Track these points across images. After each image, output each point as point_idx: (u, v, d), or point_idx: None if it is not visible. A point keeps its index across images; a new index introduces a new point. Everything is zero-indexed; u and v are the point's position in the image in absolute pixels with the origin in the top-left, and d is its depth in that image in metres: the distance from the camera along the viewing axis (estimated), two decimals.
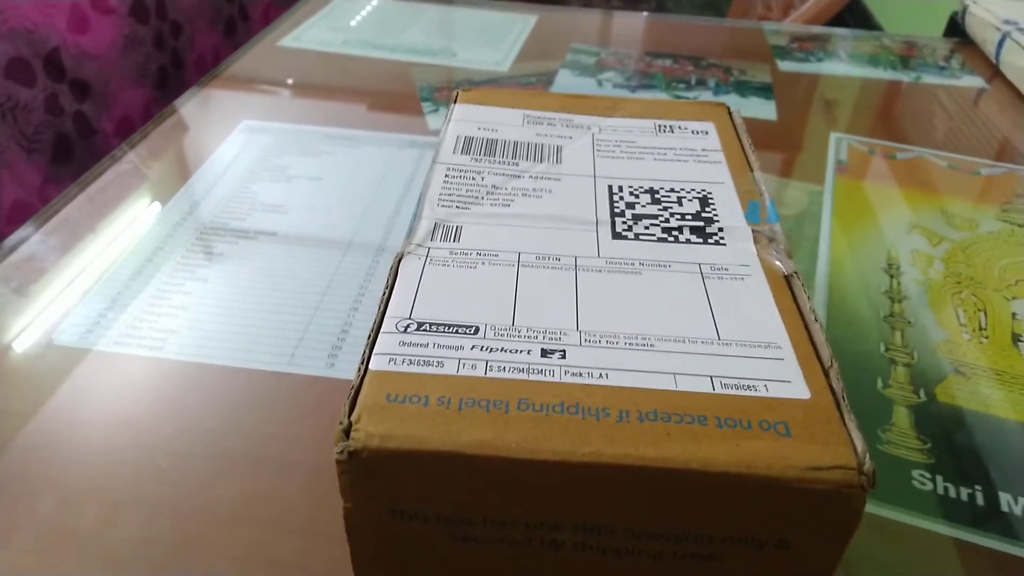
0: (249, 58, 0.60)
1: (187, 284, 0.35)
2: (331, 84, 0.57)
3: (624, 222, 0.25)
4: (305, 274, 0.36)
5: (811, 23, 0.97)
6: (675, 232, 0.25)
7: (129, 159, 0.46)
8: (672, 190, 0.27)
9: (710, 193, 0.27)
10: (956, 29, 0.70)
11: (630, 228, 0.25)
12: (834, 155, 0.48)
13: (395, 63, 0.60)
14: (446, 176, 0.27)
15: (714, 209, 0.26)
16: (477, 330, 0.20)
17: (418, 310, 0.21)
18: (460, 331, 0.20)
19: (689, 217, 0.25)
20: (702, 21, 0.74)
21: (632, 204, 0.26)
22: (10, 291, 0.35)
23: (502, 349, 0.19)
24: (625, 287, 0.22)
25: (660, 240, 0.24)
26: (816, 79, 0.60)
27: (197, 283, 0.35)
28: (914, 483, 0.26)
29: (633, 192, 0.27)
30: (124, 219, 0.40)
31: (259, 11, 0.90)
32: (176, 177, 0.44)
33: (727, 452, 0.17)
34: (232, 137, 0.48)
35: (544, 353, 0.19)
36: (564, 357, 0.19)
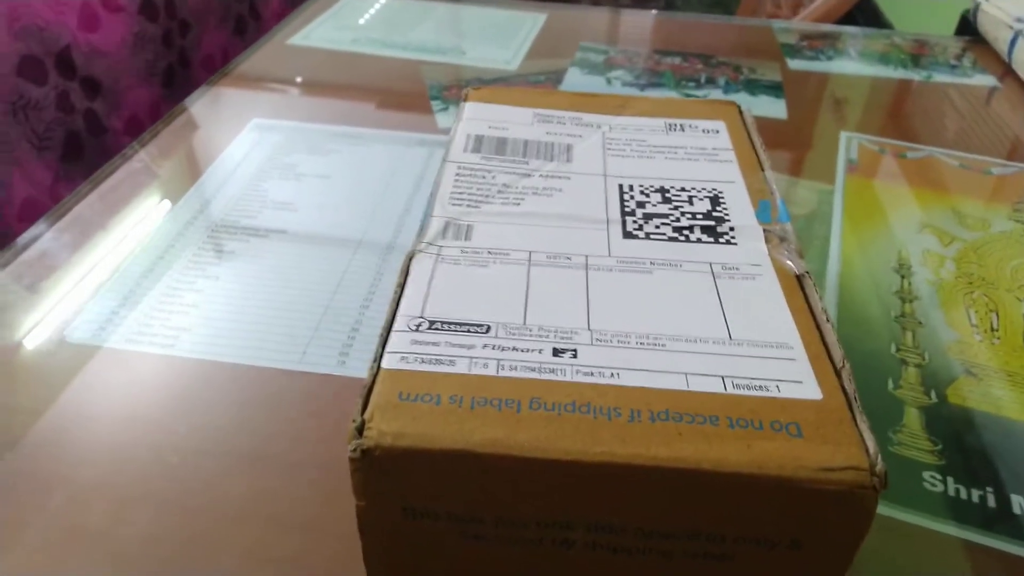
0: (259, 56, 0.60)
1: (199, 282, 0.35)
2: (340, 82, 0.57)
3: (635, 221, 0.25)
4: (316, 272, 0.36)
5: (821, 21, 0.96)
6: (686, 231, 0.24)
7: (140, 157, 0.46)
8: (683, 189, 0.27)
9: (721, 192, 0.27)
10: (967, 27, 0.69)
11: (641, 227, 0.25)
12: (844, 154, 0.48)
13: (404, 61, 0.60)
14: (457, 175, 0.27)
15: (725, 208, 0.26)
16: (489, 329, 0.20)
17: (430, 308, 0.21)
18: (472, 330, 0.20)
19: (700, 216, 0.25)
20: (711, 19, 0.74)
21: (643, 203, 0.26)
22: (23, 288, 0.35)
23: (514, 348, 0.19)
24: (636, 286, 0.22)
25: (671, 239, 0.24)
26: (826, 78, 0.60)
27: (208, 281, 0.35)
28: (925, 484, 0.26)
29: (644, 191, 0.27)
30: (135, 217, 0.40)
31: (271, 10, 0.90)
32: (187, 175, 0.44)
33: (739, 452, 0.17)
34: (242, 135, 0.48)
35: (556, 352, 0.19)
36: (575, 356, 0.19)
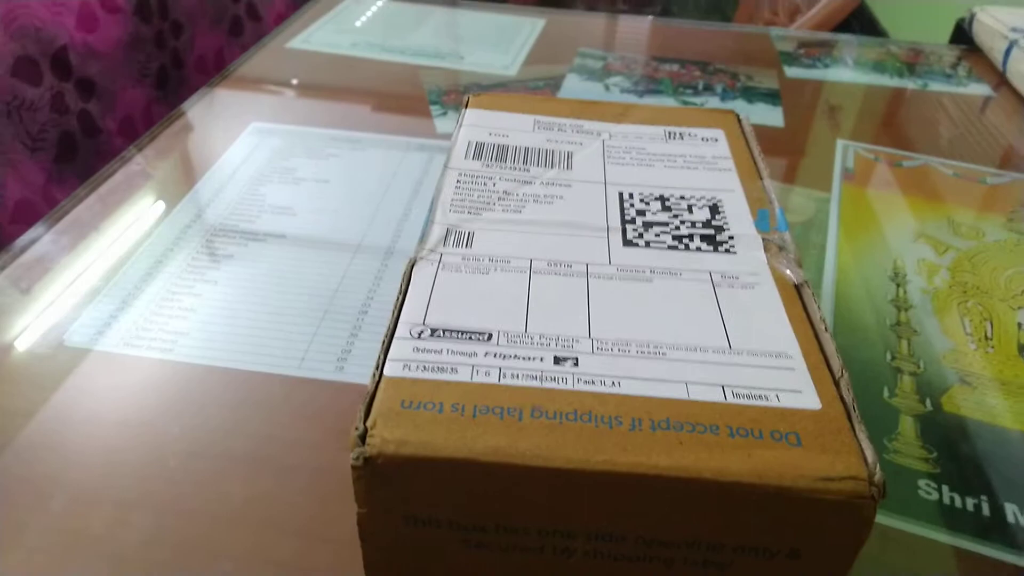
0: (258, 59, 0.60)
1: (197, 286, 0.35)
2: (339, 86, 0.57)
3: (635, 229, 0.25)
4: (314, 277, 0.36)
5: (818, 29, 0.97)
6: (685, 240, 0.25)
7: (138, 160, 0.46)
8: (682, 197, 0.27)
9: (720, 201, 0.27)
10: (962, 36, 0.70)
11: (641, 235, 0.25)
12: (841, 162, 0.48)
13: (403, 66, 0.60)
14: (458, 181, 0.27)
15: (724, 217, 0.26)
16: (490, 337, 0.20)
17: (431, 316, 0.21)
18: (473, 337, 0.20)
19: (699, 225, 0.25)
20: (709, 26, 0.74)
21: (642, 211, 0.26)
22: (20, 292, 0.35)
23: (515, 356, 0.20)
24: (636, 295, 0.22)
25: (671, 248, 0.24)
26: (823, 85, 0.60)
27: (207, 285, 0.35)
28: (920, 493, 0.27)
29: (643, 199, 0.27)
30: (134, 221, 0.40)
31: (273, 12, 0.90)
32: (185, 178, 0.44)
33: (739, 461, 0.17)
34: (241, 139, 0.48)
35: (557, 360, 0.20)
36: (577, 365, 0.19)
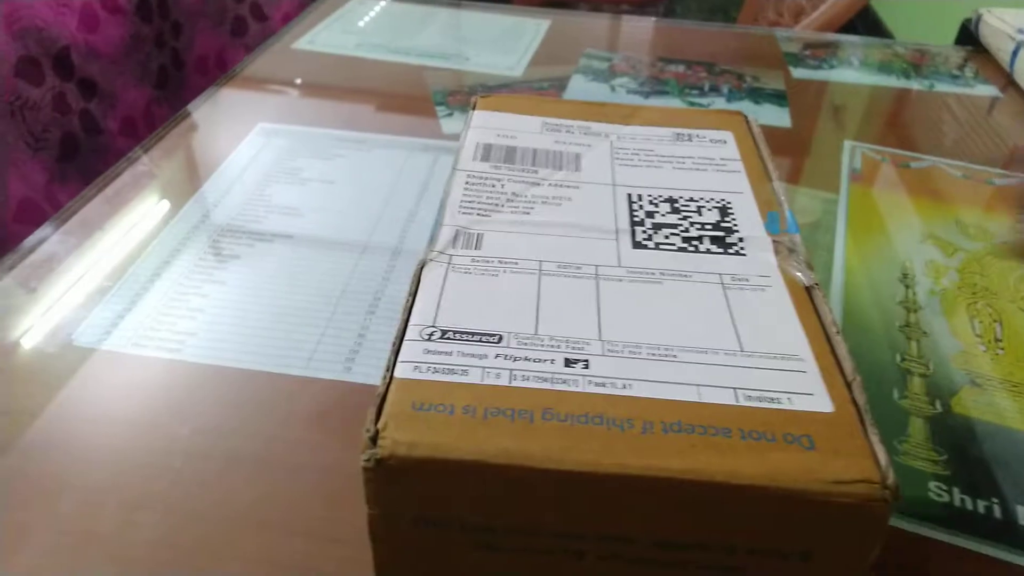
0: (263, 60, 0.60)
1: (204, 286, 0.35)
2: (345, 87, 0.57)
3: (644, 231, 0.25)
4: (321, 277, 0.36)
5: (822, 30, 0.97)
6: (695, 242, 0.25)
7: (145, 161, 0.46)
8: (691, 199, 0.27)
9: (729, 203, 0.27)
10: (968, 37, 0.70)
11: (650, 237, 0.25)
12: (848, 163, 0.48)
13: (408, 67, 0.60)
14: (466, 183, 0.27)
15: (734, 219, 0.26)
16: (501, 339, 0.20)
17: (441, 318, 0.21)
18: (484, 339, 0.20)
19: (709, 227, 0.25)
20: (714, 27, 0.74)
21: (652, 213, 0.26)
22: (29, 292, 0.35)
23: (526, 358, 0.20)
24: (646, 297, 0.22)
25: (680, 250, 0.24)
26: (830, 86, 0.60)
27: (214, 285, 0.35)
28: (931, 495, 0.26)
29: (652, 201, 0.27)
30: (141, 221, 0.40)
31: (280, 13, 0.90)
32: (192, 179, 0.44)
33: (752, 464, 0.17)
34: (248, 139, 0.48)
35: (567, 363, 0.19)
36: (587, 367, 0.19)
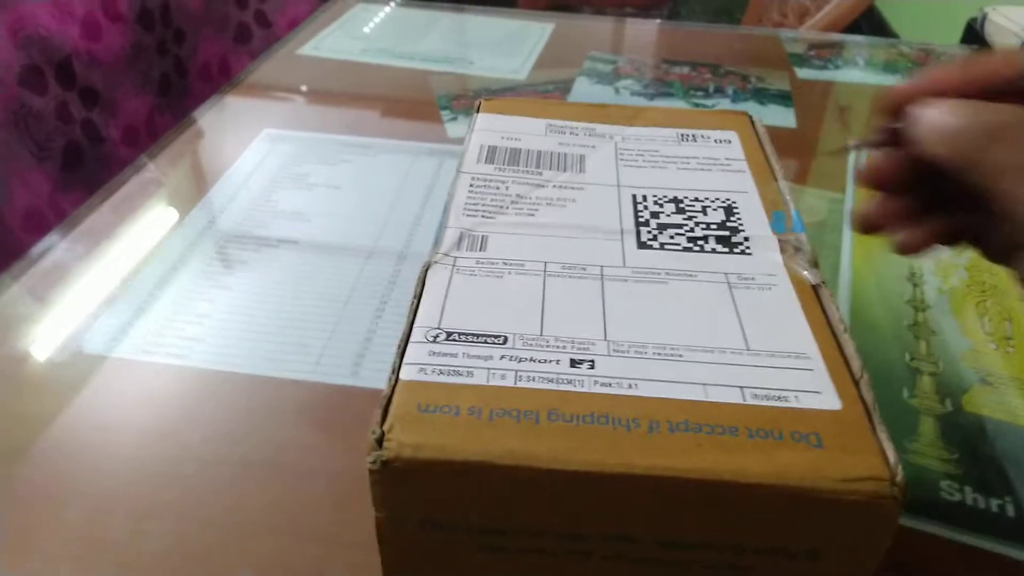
0: (269, 67, 0.61)
1: (211, 292, 0.35)
2: (350, 92, 0.57)
3: (649, 231, 0.25)
4: (327, 282, 0.36)
5: (827, 30, 0.96)
6: (700, 241, 0.25)
7: (151, 168, 0.46)
8: (696, 199, 0.27)
9: (735, 202, 0.27)
10: (974, 36, 0.70)
11: (655, 238, 0.25)
12: (854, 163, 0.48)
13: (413, 71, 0.61)
14: (471, 185, 0.27)
15: (739, 218, 0.26)
16: (506, 340, 0.20)
17: (447, 320, 0.21)
18: (489, 341, 0.20)
19: (714, 226, 0.25)
20: (718, 28, 0.74)
21: (657, 213, 0.26)
22: (37, 300, 0.36)
23: (531, 359, 0.19)
24: (652, 297, 0.22)
25: (685, 250, 0.24)
26: (835, 87, 0.60)
27: (221, 291, 0.35)
28: (942, 494, 0.26)
29: (657, 201, 0.27)
30: (147, 228, 0.41)
31: (285, 19, 0.90)
32: (198, 186, 0.44)
33: (759, 463, 0.17)
34: (254, 145, 0.48)
35: (573, 363, 0.19)
36: (593, 367, 0.19)
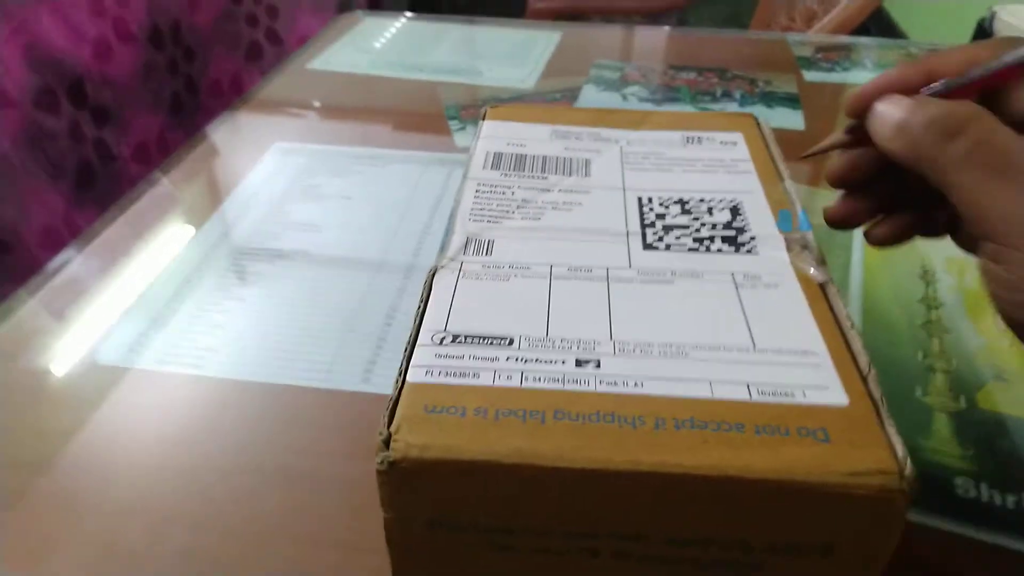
0: (279, 82, 0.61)
1: (224, 303, 0.36)
2: (360, 105, 0.58)
3: (655, 233, 0.25)
4: (339, 291, 0.36)
5: (835, 33, 0.96)
6: (706, 242, 0.25)
7: (164, 183, 0.47)
8: (702, 200, 0.27)
9: (740, 202, 0.27)
10: (984, 35, 0.69)
11: (661, 239, 0.25)
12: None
13: (422, 83, 0.61)
14: (477, 191, 0.27)
15: (745, 218, 0.26)
16: (512, 341, 0.20)
17: (453, 323, 0.21)
18: (495, 342, 0.20)
19: (720, 227, 0.25)
20: (725, 34, 0.74)
21: (662, 215, 0.26)
22: (53, 312, 0.36)
23: (537, 360, 0.20)
24: (657, 297, 0.22)
25: (691, 250, 0.24)
26: (843, 88, 0.60)
27: (234, 302, 0.36)
28: (957, 491, 0.26)
29: (663, 203, 0.27)
30: (161, 241, 0.41)
31: (295, 36, 0.91)
32: (211, 199, 0.45)
33: (766, 459, 0.17)
34: (265, 159, 0.49)
35: (579, 363, 0.19)
36: (599, 367, 0.19)
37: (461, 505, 0.18)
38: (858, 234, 0.40)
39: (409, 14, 0.75)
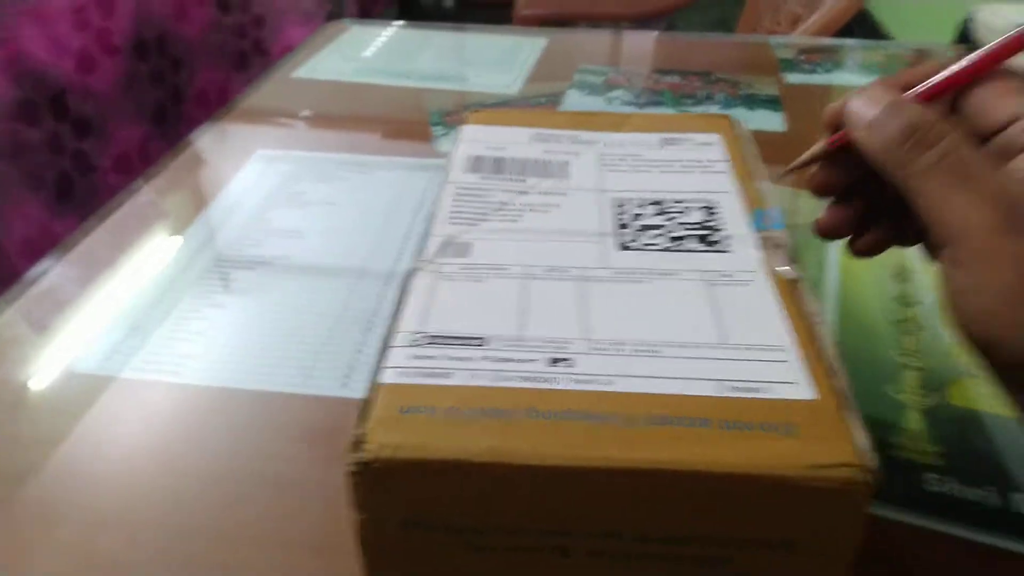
0: (264, 91, 0.61)
1: (205, 310, 0.36)
2: (345, 112, 0.58)
3: (630, 233, 0.25)
4: (320, 298, 0.36)
5: (819, 35, 0.97)
6: (680, 241, 0.25)
7: (146, 191, 0.47)
8: (678, 200, 0.27)
9: (716, 202, 0.27)
10: (968, 35, 0.70)
11: (636, 239, 0.25)
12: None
13: (407, 90, 0.61)
14: (456, 195, 0.28)
15: (719, 217, 0.26)
16: (486, 341, 0.20)
17: (427, 324, 0.21)
18: (469, 343, 0.20)
19: (694, 226, 0.26)
20: (711, 37, 0.75)
21: (638, 215, 0.26)
22: (32, 322, 0.36)
23: (510, 359, 0.20)
24: (631, 296, 0.22)
25: (666, 250, 0.24)
26: (824, 90, 0.61)
27: (214, 309, 0.36)
28: (926, 486, 0.26)
29: (639, 204, 0.27)
30: (142, 249, 0.41)
31: (279, 47, 0.92)
32: (193, 207, 0.45)
33: (733, 452, 0.17)
34: (248, 166, 0.49)
35: (552, 362, 0.20)
36: (572, 366, 0.20)
37: (434, 505, 0.18)
38: None
39: (401, 23, 0.75)
